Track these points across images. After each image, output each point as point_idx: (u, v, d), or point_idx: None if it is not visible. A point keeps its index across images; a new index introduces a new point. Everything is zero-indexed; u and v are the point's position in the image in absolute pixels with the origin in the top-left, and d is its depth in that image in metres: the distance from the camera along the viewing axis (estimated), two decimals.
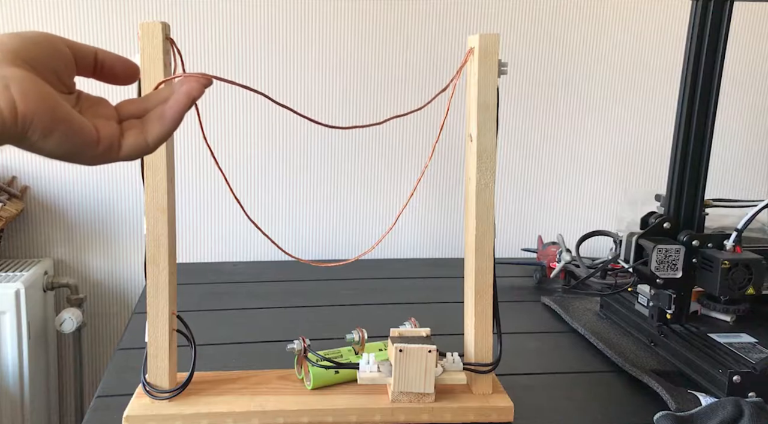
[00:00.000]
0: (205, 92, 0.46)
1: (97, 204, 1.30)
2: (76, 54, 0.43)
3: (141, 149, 0.44)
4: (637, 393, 0.79)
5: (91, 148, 0.42)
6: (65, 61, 0.42)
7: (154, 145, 0.44)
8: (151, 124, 0.44)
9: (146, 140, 0.44)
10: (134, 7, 1.22)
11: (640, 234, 0.87)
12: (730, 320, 0.89)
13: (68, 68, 0.43)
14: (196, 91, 0.45)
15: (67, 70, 0.43)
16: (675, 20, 1.36)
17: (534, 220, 1.43)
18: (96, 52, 0.44)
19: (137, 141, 0.44)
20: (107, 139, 0.42)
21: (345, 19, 1.28)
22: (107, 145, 0.42)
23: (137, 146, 0.44)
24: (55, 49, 0.42)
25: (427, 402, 0.70)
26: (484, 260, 0.72)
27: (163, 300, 0.68)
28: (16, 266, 1.22)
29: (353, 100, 1.31)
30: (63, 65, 0.42)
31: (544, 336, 0.97)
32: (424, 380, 0.69)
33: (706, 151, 0.86)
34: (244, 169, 1.31)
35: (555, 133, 1.39)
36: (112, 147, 0.43)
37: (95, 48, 0.44)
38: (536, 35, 1.34)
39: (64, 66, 0.42)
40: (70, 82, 0.43)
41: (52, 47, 0.41)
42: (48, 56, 0.41)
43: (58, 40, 0.42)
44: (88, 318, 1.34)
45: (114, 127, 0.43)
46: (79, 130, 0.41)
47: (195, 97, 0.45)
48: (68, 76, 0.43)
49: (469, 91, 0.70)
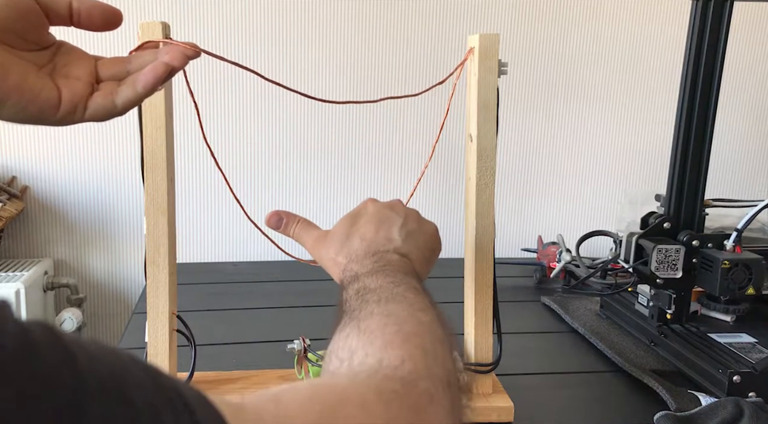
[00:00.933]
0: (188, 63, 0.44)
1: (97, 204, 1.29)
2: (46, 6, 0.41)
3: (107, 111, 0.43)
4: (637, 393, 0.79)
5: (51, 112, 0.41)
6: (30, 18, 0.41)
7: (123, 108, 0.43)
8: (124, 86, 0.43)
9: (114, 102, 0.43)
10: (134, 7, 1.22)
11: (640, 234, 0.87)
12: (730, 320, 0.89)
13: (36, 24, 0.41)
14: (178, 61, 0.43)
15: (33, 27, 0.41)
16: (675, 20, 1.36)
17: (534, 220, 1.43)
18: (71, 1, 0.42)
19: (104, 102, 0.42)
20: (70, 102, 0.41)
21: (345, 19, 1.28)
22: (69, 107, 0.41)
23: (104, 108, 0.42)
24: (16, 7, 0.40)
25: None
26: (484, 260, 0.72)
27: (163, 300, 0.68)
28: (16, 266, 1.22)
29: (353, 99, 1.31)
30: (27, 23, 0.40)
31: (544, 336, 0.97)
32: None
33: (706, 151, 0.85)
34: (244, 169, 1.31)
35: (555, 133, 1.39)
36: (76, 109, 0.42)
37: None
38: (536, 35, 1.34)
39: (28, 23, 0.40)
40: (39, 37, 0.42)
41: (12, 6, 0.40)
42: (5, 17, 0.39)
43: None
44: (88, 318, 1.34)
45: (81, 88, 0.42)
46: (34, 98, 0.39)
47: (175, 67, 0.43)
48: (36, 32, 0.41)
49: (469, 91, 0.70)
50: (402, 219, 0.57)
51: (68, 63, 0.43)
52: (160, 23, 0.62)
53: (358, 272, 0.49)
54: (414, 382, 0.34)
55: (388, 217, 0.57)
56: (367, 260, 0.51)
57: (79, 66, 0.43)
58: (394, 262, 0.51)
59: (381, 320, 0.40)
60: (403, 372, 0.35)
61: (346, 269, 0.51)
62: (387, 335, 0.38)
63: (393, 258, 0.52)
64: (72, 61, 0.43)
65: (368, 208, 0.58)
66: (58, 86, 0.41)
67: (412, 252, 0.55)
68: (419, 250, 0.56)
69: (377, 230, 0.56)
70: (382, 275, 0.47)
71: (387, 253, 0.53)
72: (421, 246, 0.56)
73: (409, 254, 0.54)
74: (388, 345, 0.37)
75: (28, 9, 0.40)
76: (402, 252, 0.54)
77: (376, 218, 0.57)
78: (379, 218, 0.57)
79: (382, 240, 0.55)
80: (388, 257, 0.52)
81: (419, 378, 0.35)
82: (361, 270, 0.49)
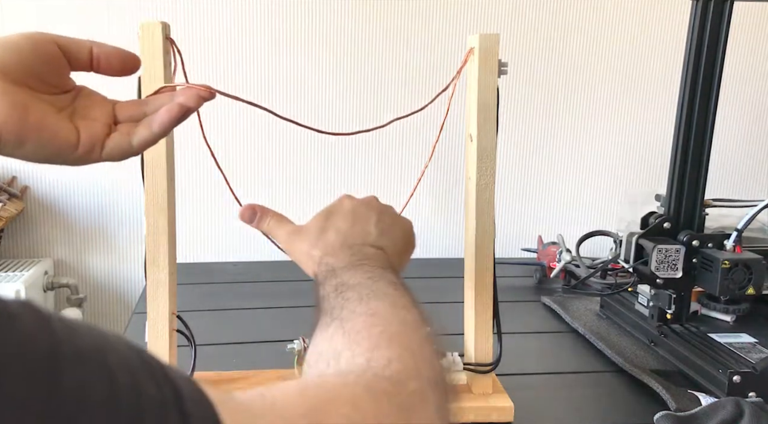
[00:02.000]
0: (203, 105, 0.46)
1: (97, 204, 1.29)
2: (68, 51, 0.42)
3: (124, 151, 0.44)
4: (637, 393, 0.79)
5: (69, 151, 0.42)
6: (53, 63, 0.42)
7: (138, 148, 0.44)
8: (140, 127, 0.44)
9: (130, 142, 0.44)
10: (134, 7, 1.22)
11: (640, 234, 0.87)
12: (730, 320, 0.89)
13: (57, 69, 0.42)
14: (193, 102, 0.45)
15: (55, 71, 0.42)
16: (675, 21, 1.36)
17: (534, 220, 1.42)
18: (91, 47, 0.43)
19: (121, 143, 0.43)
20: (88, 142, 0.42)
21: (345, 19, 1.28)
22: (88, 147, 0.42)
23: (120, 148, 0.43)
24: (40, 52, 0.41)
25: None
26: (484, 260, 0.72)
27: (163, 300, 0.68)
28: (16, 266, 1.22)
29: (353, 99, 1.31)
30: (50, 67, 0.42)
31: (544, 336, 0.97)
32: None
33: (706, 151, 0.85)
34: (245, 169, 1.31)
35: (555, 133, 1.39)
36: (94, 148, 0.43)
37: (91, 42, 0.44)
38: (536, 35, 1.34)
39: (51, 67, 0.42)
40: (61, 81, 0.43)
41: (36, 51, 0.41)
42: (29, 61, 0.40)
43: (45, 41, 0.41)
44: (88, 318, 1.34)
45: (99, 129, 0.43)
46: (53, 137, 0.41)
47: (190, 108, 0.45)
48: (57, 77, 0.43)
49: (469, 91, 0.70)
50: (377, 214, 0.57)
51: (87, 106, 0.44)
52: (160, 23, 0.63)
53: (335, 266, 0.49)
54: (403, 382, 0.34)
55: (364, 212, 0.57)
56: (343, 254, 0.51)
57: (97, 109, 0.44)
58: (371, 255, 0.51)
59: (366, 321, 0.39)
60: (391, 372, 0.35)
61: (322, 262, 0.51)
62: (373, 337, 0.38)
63: (369, 251, 0.52)
64: (91, 105, 0.45)
65: (344, 204, 0.58)
66: (77, 127, 0.42)
67: (388, 246, 0.55)
68: (395, 244, 0.56)
69: (353, 224, 0.55)
70: (360, 270, 0.47)
71: (363, 246, 0.52)
72: (397, 241, 0.56)
73: (385, 247, 0.54)
74: (375, 347, 0.37)
75: (51, 54, 0.42)
76: (378, 245, 0.54)
77: (352, 213, 0.56)
78: (355, 213, 0.56)
79: (358, 233, 0.54)
80: (364, 250, 0.51)
81: (408, 378, 0.35)
82: (337, 264, 0.49)
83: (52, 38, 0.42)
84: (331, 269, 0.49)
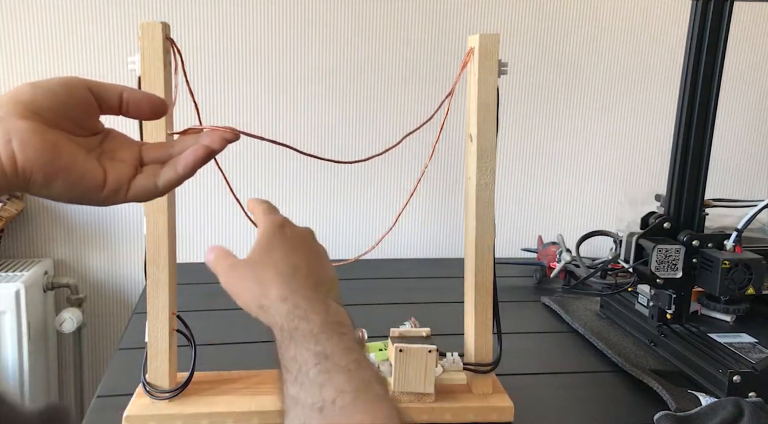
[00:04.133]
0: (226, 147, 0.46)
1: None
2: (99, 96, 0.44)
3: (149, 192, 0.44)
4: (637, 393, 0.79)
5: (96, 192, 0.42)
6: (84, 106, 0.43)
7: (164, 189, 0.45)
8: (166, 168, 0.45)
9: (155, 183, 0.44)
10: (134, 7, 1.22)
11: (640, 234, 0.87)
12: (730, 320, 0.89)
13: (88, 112, 0.43)
14: (217, 144, 0.46)
15: (86, 114, 0.43)
16: (675, 20, 1.36)
17: (534, 220, 1.43)
18: (122, 92, 0.44)
19: (146, 184, 0.44)
20: (114, 183, 0.43)
21: (345, 19, 1.28)
22: (114, 188, 0.43)
23: (145, 189, 0.44)
24: (72, 95, 0.42)
25: (427, 402, 0.70)
26: (484, 260, 0.72)
27: (163, 300, 0.68)
28: (16, 266, 1.22)
29: (353, 99, 1.31)
30: (81, 111, 0.43)
31: (544, 336, 0.97)
32: (424, 380, 0.69)
33: (706, 151, 0.86)
34: (245, 169, 1.31)
35: (555, 132, 1.39)
36: (120, 189, 0.43)
37: (122, 88, 0.45)
38: (536, 35, 1.34)
39: (82, 111, 0.43)
40: (91, 124, 0.44)
41: (69, 94, 0.42)
42: (63, 104, 0.41)
43: (78, 85, 0.43)
44: (88, 318, 1.34)
45: (126, 170, 0.44)
46: (81, 178, 0.41)
47: (215, 150, 0.45)
48: (89, 119, 0.44)
49: (469, 91, 0.70)
50: (323, 249, 0.55)
51: (115, 148, 0.45)
52: (160, 23, 0.63)
53: (311, 324, 0.47)
54: None
55: (312, 246, 0.55)
56: (316, 306, 0.49)
57: (125, 150, 0.45)
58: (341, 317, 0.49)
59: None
60: None
61: (290, 312, 0.49)
62: None
63: (340, 311, 0.50)
64: (118, 147, 0.45)
65: (285, 233, 0.55)
66: (104, 168, 0.43)
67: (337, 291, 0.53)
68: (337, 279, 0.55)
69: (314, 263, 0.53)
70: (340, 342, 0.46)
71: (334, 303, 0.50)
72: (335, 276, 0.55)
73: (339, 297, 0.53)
74: None
75: (83, 98, 0.43)
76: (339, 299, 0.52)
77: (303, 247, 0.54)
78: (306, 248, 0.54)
79: (326, 279, 0.53)
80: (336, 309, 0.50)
81: None
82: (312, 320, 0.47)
83: (85, 83, 0.43)
84: (307, 329, 0.47)
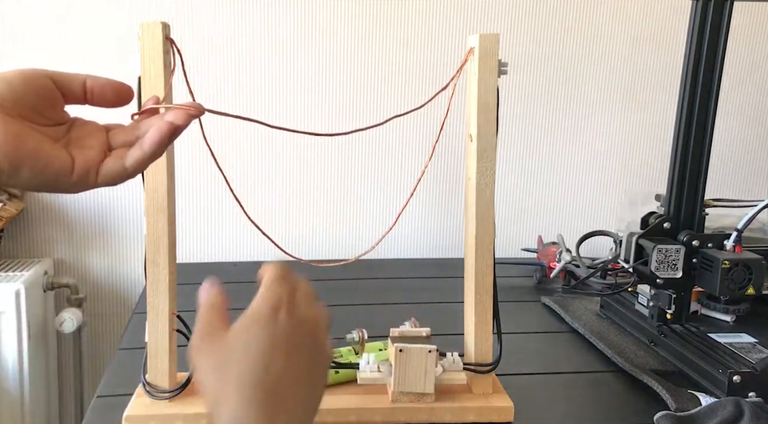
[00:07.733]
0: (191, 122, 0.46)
1: (97, 204, 1.29)
2: (62, 85, 0.44)
3: (119, 174, 0.45)
4: (637, 393, 0.79)
5: (65, 178, 0.43)
6: (45, 96, 0.43)
7: (133, 170, 0.45)
8: (132, 149, 0.45)
9: (124, 165, 0.44)
10: (134, 7, 1.22)
11: (640, 234, 0.87)
12: (730, 320, 0.89)
13: (51, 102, 0.44)
14: (181, 120, 0.45)
15: (49, 104, 0.44)
16: (675, 20, 1.36)
17: (534, 220, 1.43)
18: (84, 80, 0.45)
19: (115, 166, 0.44)
20: (83, 168, 0.43)
21: (345, 19, 1.28)
22: (82, 173, 0.43)
23: (114, 171, 0.44)
24: (31, 86, 0.42)
25: (427, 402, 0.70)
26: (484, 260, 0.72)
27: (163, 300, 0.68)
28: (16, 266, 1.22)
29: (353, 99, 1.31)
30: (42, 100, 0.43)
31: (544, 336, 0.97)
32: (424, 380, 0.69)
33: (706, 151, 0.86)
34: (245, 169, 1.31)
35: (555, 133, 1.39)
36: (89, 174, 0.44)
37: (85, 76, 0.45)
38: (536, 35, 1.34)
39: (44, 101, 0.43)
40: (55, 114, 0.44)
41: (27, 85, 0.42)
42: (21, 94, 0.42)
43: (37, 76, 0.43)
44: (88, 318, 1.34)
45: (93, 155, 0.44)
46: (48, 164, 0.42)
47: (179, 126, 0.45)
48: (52, 109, 0.44)
49: (469, 91, 0.70)
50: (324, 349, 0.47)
51: (82, 135, 0.45)
52: (160, 23, 0.63)
53: None
54: None
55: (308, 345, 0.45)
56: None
57: (92, 137, 0.46)
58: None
59: None
60: None
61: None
62: None
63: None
64: (85, 134, 0.46)
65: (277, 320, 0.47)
66: (72, 155, 0.43)
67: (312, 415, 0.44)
68: None
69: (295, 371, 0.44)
70: None
71: None
72: None
73: None
74: None
75: (43, 87, 0.43)
76: None
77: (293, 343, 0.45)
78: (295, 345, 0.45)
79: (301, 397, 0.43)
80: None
81: None
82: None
83: (45, 73, 0.43)
84: None
